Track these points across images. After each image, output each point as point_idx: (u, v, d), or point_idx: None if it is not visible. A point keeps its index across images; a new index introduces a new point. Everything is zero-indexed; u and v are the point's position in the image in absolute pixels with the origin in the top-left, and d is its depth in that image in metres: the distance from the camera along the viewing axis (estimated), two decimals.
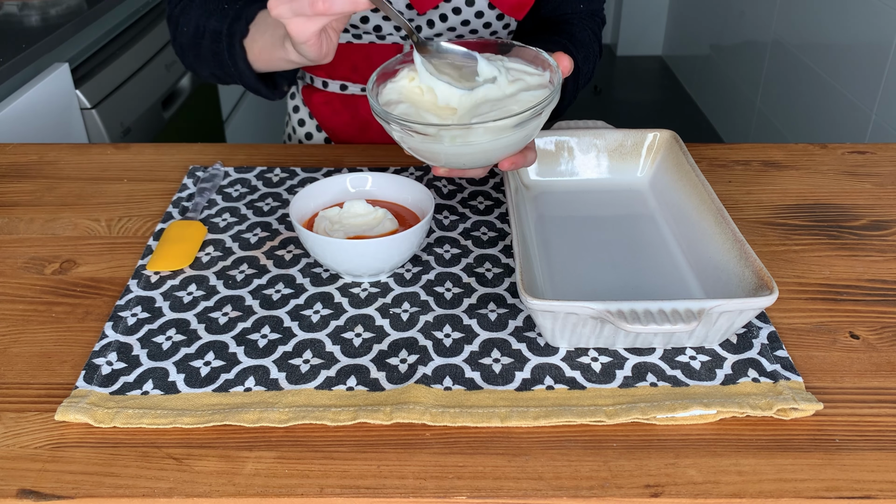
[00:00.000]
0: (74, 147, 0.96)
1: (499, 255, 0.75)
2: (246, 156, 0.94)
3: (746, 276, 0.63)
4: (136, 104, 1.57)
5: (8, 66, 1.23)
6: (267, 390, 0.59)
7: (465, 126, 0.60)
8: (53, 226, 0.80)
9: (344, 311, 0.67)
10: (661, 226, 0.77)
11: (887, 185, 0.88)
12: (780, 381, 0.59)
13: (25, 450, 0.55)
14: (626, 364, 0.61)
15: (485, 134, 0.60)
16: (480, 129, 0.60)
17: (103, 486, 0.52)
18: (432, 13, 0.91)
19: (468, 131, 0.60)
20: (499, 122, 0.60)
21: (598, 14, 1.01)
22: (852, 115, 2.00)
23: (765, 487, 0.52)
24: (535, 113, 0.61)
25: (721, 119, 3.06)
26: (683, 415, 0.57)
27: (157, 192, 0.86)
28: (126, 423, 0.56)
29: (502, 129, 0.60)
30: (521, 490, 0.52)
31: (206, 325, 0.66)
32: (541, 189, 0.84)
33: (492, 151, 0.63)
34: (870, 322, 0.67)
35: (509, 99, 0.64)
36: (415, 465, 0.54)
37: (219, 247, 0.76)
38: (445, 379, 0.60)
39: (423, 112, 0.65)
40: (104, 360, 0.62)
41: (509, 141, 0.62)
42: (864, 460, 0.54)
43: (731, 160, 0.93)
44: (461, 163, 0.66)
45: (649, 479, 0.53)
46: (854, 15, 1.99)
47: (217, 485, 0.52)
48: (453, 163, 0.66)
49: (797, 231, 0.79)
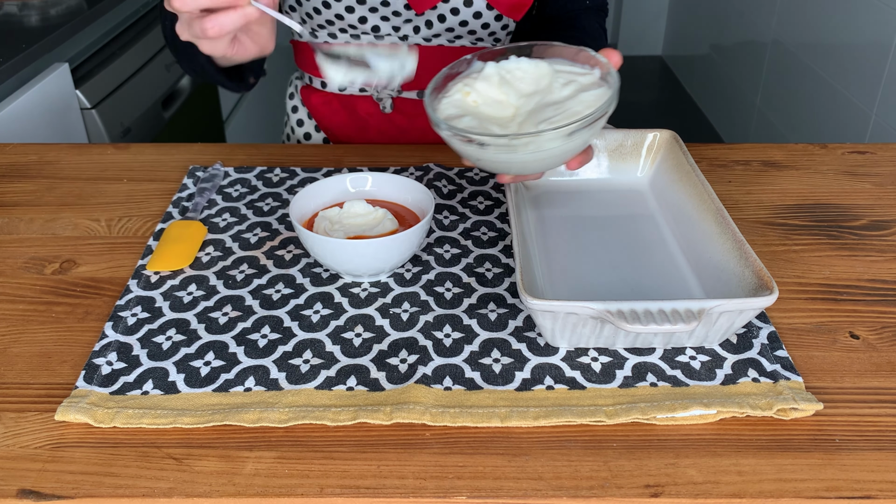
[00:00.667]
0: (74, 147, 0.96)
1: (499, 255, 0.75)
2: (246, 156, 0.94)
3: (746, 276, 0.63)
4: (136, 104, 1.57)
5: (8, 66, 1.23)
6: (267, 390, 0.59)
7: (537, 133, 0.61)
8: (53, 226, 0.80)
9: (344, 311, 0.67)
10: (661, 226, 0.77)
11: (887, 185, 0.88)
12: (780, 381, 0.59)
13: (25, 450, 0.55)
14: (626, 364, 0.61)
15: (556, 139, 0.61)
16: (551, 133, 0.60)
17: (103, 486, 0.52)
18: (430, 14, 0.91)
19: (538, 137, 0.61)
20: (571, 125, 0.60)
21: (603, 8, 1.01)
22: (852, 115, 2.00)
23: (765, 487, 0.52)
24: (602, 111, 0.62)
25: (721, 119, 3.06)
26: (683, 415, 0.57)
27: (157, 192, 0.86)
28: (126, 423, 0.56)
29: (574, 132, 0.61)
30: (521, 490, 0.52)
31: (206, 325, 0.66)
32: (541, 189, 0.84)
33: (563, 154, 0.64)
34: (870, 322, 0.67)
35: (571, 101, 0.65)
36: (415, 465, 0.54)
37: (219, 247, 0.76)
38: (445, 379, 0.60)
39: (487, 124, 0.65)
40: (104, 360, 0.62)
41: (579, 142, 0.63)
42: (864, 460, 0.54)
43: (731, 160, 0.93)
44: (532, 169, 0.66)
45: (649, 479, 0.53)
46: (854, 15, 1.99)
47: (217, 485, 0.52)
48: (524, 170, 0.67)
49: (797, 231, 0.79)
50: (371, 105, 1.01)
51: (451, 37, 0.94)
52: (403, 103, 1.00)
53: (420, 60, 0.96)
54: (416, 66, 0.70)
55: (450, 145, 0.65)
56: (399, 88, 0.99)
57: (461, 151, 0.65)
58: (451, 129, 0.63)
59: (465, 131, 0.62)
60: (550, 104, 0.65)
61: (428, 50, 0.95)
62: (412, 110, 1.00)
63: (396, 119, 1.02)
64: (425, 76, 0.98)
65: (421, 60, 0.97)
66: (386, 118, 1.02)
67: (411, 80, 0.72)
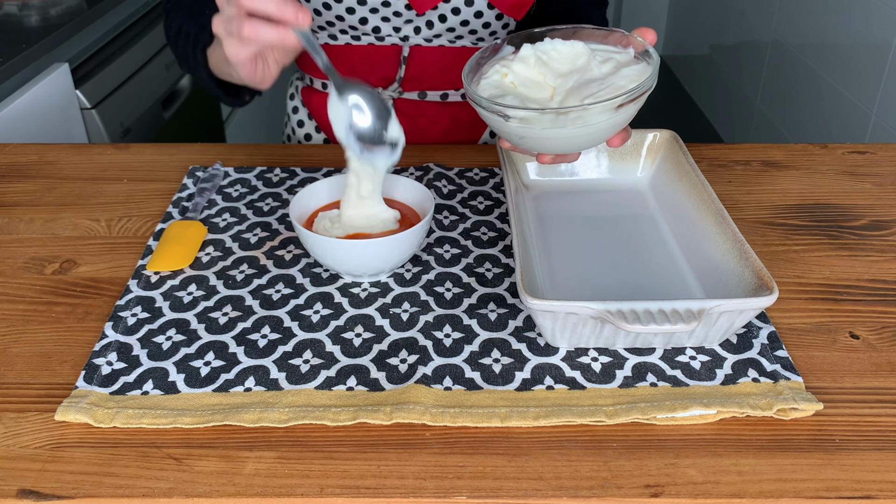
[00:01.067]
0: (74, 147, 0.96)
1: (499, 255, 0.75)
2: (246, 156, 0.94)
3: (746, 276, 0.63)
4: (136, 104, 1.57)
5: (8, 66, 1.23)
6: (267, 390, 0.59)
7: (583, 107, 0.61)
8: (53, 226, 0.80)
9: (344, 311, 0.67)
10: (661, 226, 0.77)
11: (887, 185, 0.88)
12: (780, 381, 0.59)
13: (25, 450, 0.55)
14: (626, 364, 0.61)
15: (603, 112, 0.61)
16: (599, 107, 0.61)
17: (103, 486, 0.52)
18: (431, 14, 0.91)
19: (587, 111, 0.61)
20: (619, 97, 0.61)
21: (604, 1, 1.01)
22: (852, 115, 2.00)
23: (765, 487, 0.52)
24: (648, 85, 0.62)
25: (721, 119, 3.06)
26: (683, 415, 0.57)
27: (157, 192, 0.86)
28: (126, 423, 0.56)
29: (621, 103, 0.61)
30: (521, 490, 0.52)
31: (206, 325, 0.66)
32: (541, 189, 0.84)
33: (609, 129, 0.64)
34: (870, 322, 0.67)
35: (613, 76, 0.65)
36: (415, 465, 0.54)
37: (219, 247, 0.76)
38: (445, 379, 0.60)
39: (528, 103, 0.66)
40: (104, 360, 0.62)
41: (625, 115, 0.64)
42: (864, 460, 0.54)
43: (731, 160, 0.93)
44: (575, 146, 0.66)
45: (649, 479, 0.53)
46: (854, 15, 1.99)
47: (217, 485, 0.52)
48: (567, 147, 0.67)
49: (797, 231, 0.79)
50: None
51: (452, 37, 0.94)
52: (404, 104, 1.00)
53: (421, 61, 0.97)
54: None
55: (491, 124, 0.65)
56: (400, 90, 0.99)
57: (504, 131, 0.65)
58: (498, 106, 0.62)
59: (513, 107, 0.62)
60: (592, 81, 0.65)
61: (429, 50, 0.95)
62: (413, 111, 1.00)
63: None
64: (426, 77, 0.98)
65: (422, 61, 0.97)
66: None
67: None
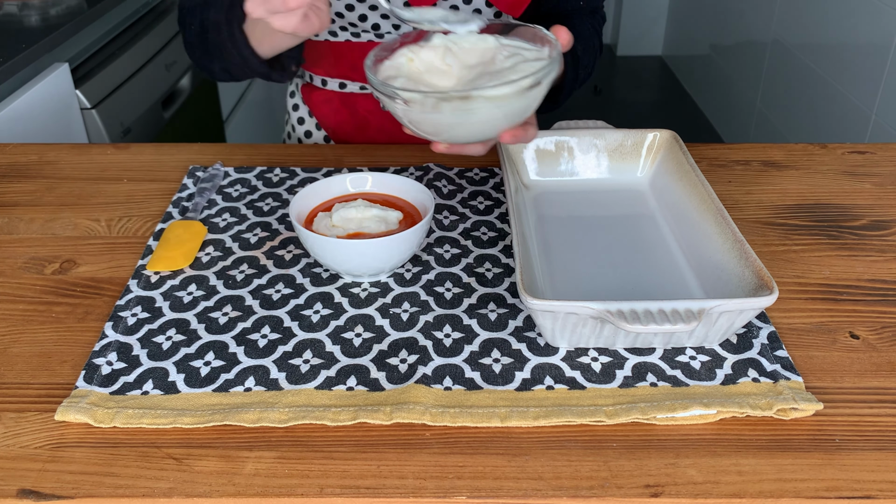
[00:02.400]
0: (74, 147, 0.96)
1: (499, 255, 0.75)
2: (246, 156, 0.94)
3: (746, 276, 0.63)
4: (136, 104, 1.57)
5: (8, 66, 1.23)
6: (267, 390, 0.59)
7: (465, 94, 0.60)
8: (53, 226, 0.80)
9: (344, 311, 0.67)
10: (661, 226, 0.77)
11: (887, 185, 0.88)
12: (780, 381, 0.59)
13: (25, 450, 0.55)
14: (626, 364, 0.61)
15: (485, 102, 0.61)
16: (481, 97, 0.60)
17: (103, 486, 0.52)
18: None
19: (468, 100, 0.60)
20: (499, 87, 0.60)
21: (599, 11, 1.01)
22: (852, 115, 2.00)
23: (765, 487, 0.52)
24: (535, 81, 0.62)
25: (721, 119, 3.06)
26: (683, 415, 0.57)
27: (157, 192, 0.86)
28: (126, 423, 0.56)
29: (502, 97, 0.61)
30: (521, 490, 0.52)
31: (206, 325, 0.66)
32: (541, 189, 0.84)
33: (492, 121, 0.64)
34: (870, 322, 0.67)
35: (508, 71, 0.65)
36: (415, 465, 0.54)
37: (219, 247, 0.76)
38: (445, 379, 0.60)
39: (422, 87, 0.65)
40: (104, 360, 0.62)
41: (509, 110, 0.63)
42: (864, 460, 0.54)
43: (731, 160, 0.93)
44: (462, 135, 0.66)
45: (649, 479, 0.53)
46: (854, 15, 1.99)
47: (217, 485, 0.52)
48: (454, 136, 0.66)
49: (797, 231, 0.79)
50: (371, 103, 1.01)
51: None
52: None
53: None
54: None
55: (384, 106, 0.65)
56: None
57: (395, 114, 0.65)
58: (383, 87, 0.63)
59: (392, 87, 0.62)
60: (490, 73, 0.65)
61: None
62: None
63: None
64: None
65: None
66: (386, 116, 1.02)
67: None
